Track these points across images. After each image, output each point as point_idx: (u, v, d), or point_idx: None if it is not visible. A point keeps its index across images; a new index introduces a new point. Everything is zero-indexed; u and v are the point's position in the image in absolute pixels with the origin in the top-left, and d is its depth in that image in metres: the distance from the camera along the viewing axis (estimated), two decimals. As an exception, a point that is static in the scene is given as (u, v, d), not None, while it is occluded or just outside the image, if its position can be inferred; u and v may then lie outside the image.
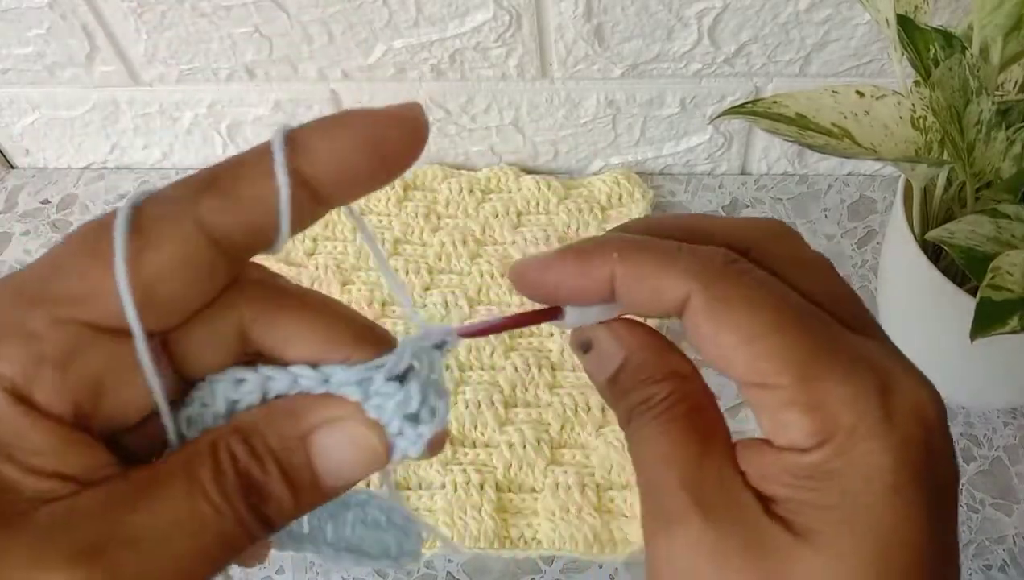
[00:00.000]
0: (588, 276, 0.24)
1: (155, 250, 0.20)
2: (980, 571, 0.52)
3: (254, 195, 0.20)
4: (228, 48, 0.64)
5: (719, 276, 0.23)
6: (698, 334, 0.23)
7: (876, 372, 0.22)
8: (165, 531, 0.19)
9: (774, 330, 0.22)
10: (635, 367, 0.25)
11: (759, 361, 0.22)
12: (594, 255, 0.24)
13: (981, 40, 0.45)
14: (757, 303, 0.22)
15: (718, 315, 0.22)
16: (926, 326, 0.54)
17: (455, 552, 0.27)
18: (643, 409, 0.24)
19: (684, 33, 0.60)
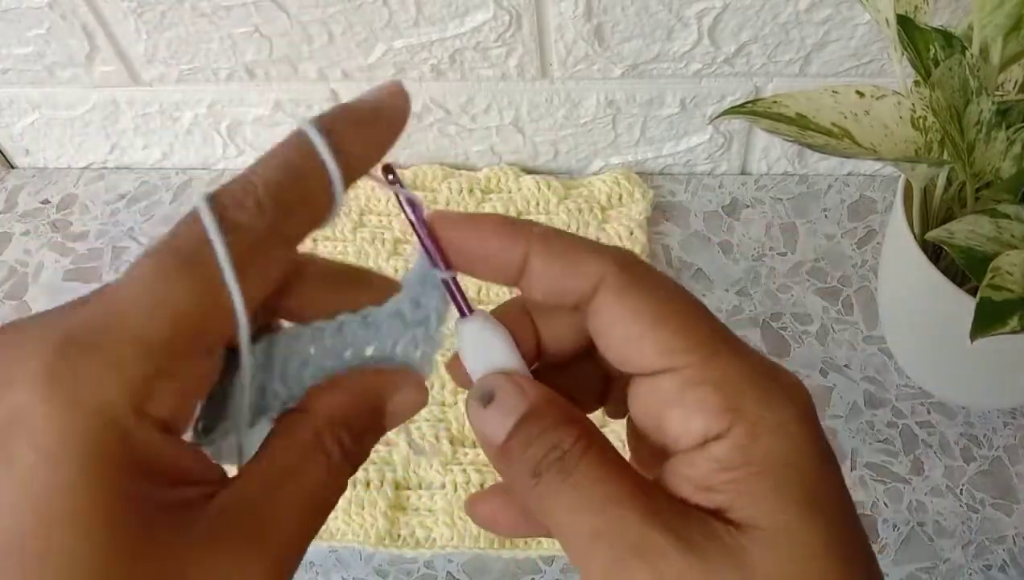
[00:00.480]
0: (505, 245, 0.25)
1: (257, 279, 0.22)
2: (980, 571, 0.52)
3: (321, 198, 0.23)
4: (228, 48, 0.64)
5: (632, 264, 0.24)
6: (607, 316, 0.24)
7: (764, 357, 0.24)
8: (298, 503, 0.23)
9: (681, 313, 0.24)
10: (536, 416, 0.24)
11: (669, 340, 0.23)
12: (517, 226, 0.25)
13: (981, 40, 0.45)
14: (666, 289, 0.24)
15: (631, 296, 0.24)
16: (926, 326, 0.54)
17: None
18: (555, 455, 0.23)
19: (684, 33, 0.60)
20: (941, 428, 0.57)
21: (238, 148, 0.74)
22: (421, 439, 0.57)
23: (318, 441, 0.24)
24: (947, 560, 0.53)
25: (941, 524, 0.54)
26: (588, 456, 0.23)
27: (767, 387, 0.23)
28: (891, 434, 0.57)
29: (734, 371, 0.23)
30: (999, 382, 0.55)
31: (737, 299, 0.64)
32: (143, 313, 0.20)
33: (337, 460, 0.24)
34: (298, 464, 0.23)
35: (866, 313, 0.63)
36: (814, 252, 0.66)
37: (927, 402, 0.58)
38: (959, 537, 0.53)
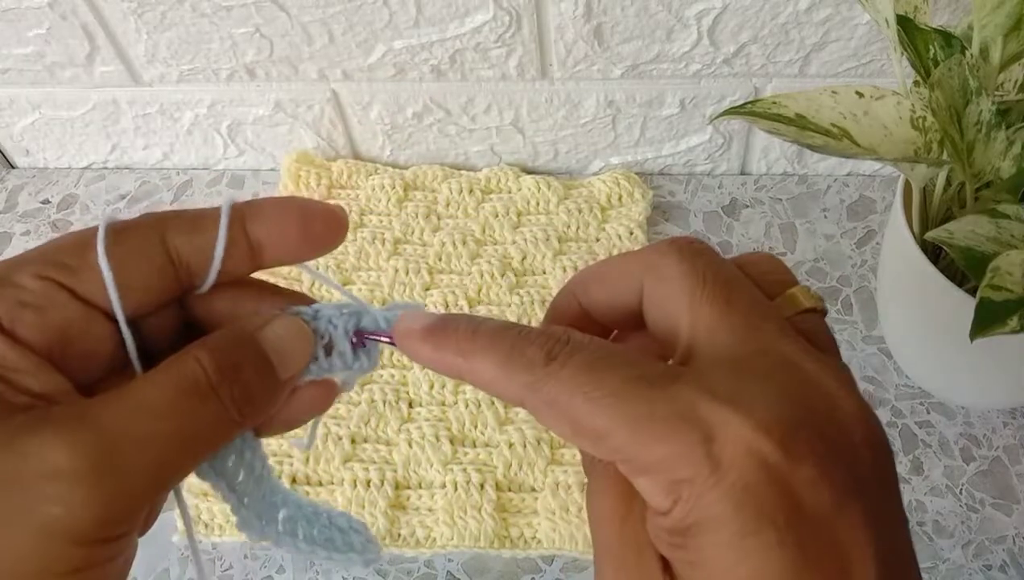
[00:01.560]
0: (446, 367, 0.26)
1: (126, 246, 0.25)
2: (980, 571, 0.52)
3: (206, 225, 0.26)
4: (228, 48, 0.64)
5: (540, 380, 0.24)
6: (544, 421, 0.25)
7: (698, 423, 0.22)
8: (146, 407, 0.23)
9: (592, 416, 0.23)
10: None
11: (597, 445, 0.23)
12: (446, 351, 0.25)
13: (981, 40, 0.45)
14: (572, 395, 0.23)
15: (546, 415, 0.24)
16: (926, 326, 0.54)
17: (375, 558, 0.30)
18: (590, 466, 0.26)
19: (684, 33, 0.60)
20: (940, 428, 0.57)
21: (238, 148, 0.74)
22: (421, 438, 0.57)
23: (176, 357, 0.24)
24: (947, 560, 0.53)
25: (941, 524, 0.54)
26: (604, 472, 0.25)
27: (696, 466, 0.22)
28: (891, 434, 0.57)
29: (663, 455, 0.22)
30: (999, 382, 0.55)
31: (737, 299, 0.64)
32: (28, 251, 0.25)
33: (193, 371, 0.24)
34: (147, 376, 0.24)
35: (865, 313, 0.63)
36: (814, 252, 0.66)
37: (927, 402, 0.58)
38: (959, 537, 0.54)
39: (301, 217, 0.27)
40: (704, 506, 0.22)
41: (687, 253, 0.26)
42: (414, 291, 0.64)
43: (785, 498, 0.21)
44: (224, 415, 0.24)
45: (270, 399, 0.26)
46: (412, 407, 0.59)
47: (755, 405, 0.22)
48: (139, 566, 0.55)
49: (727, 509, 0.21)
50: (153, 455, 0.23)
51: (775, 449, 0.21)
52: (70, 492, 0.21)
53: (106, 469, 0.22)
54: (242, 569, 0.55)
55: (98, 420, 0.22)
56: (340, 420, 0.58)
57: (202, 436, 0.24)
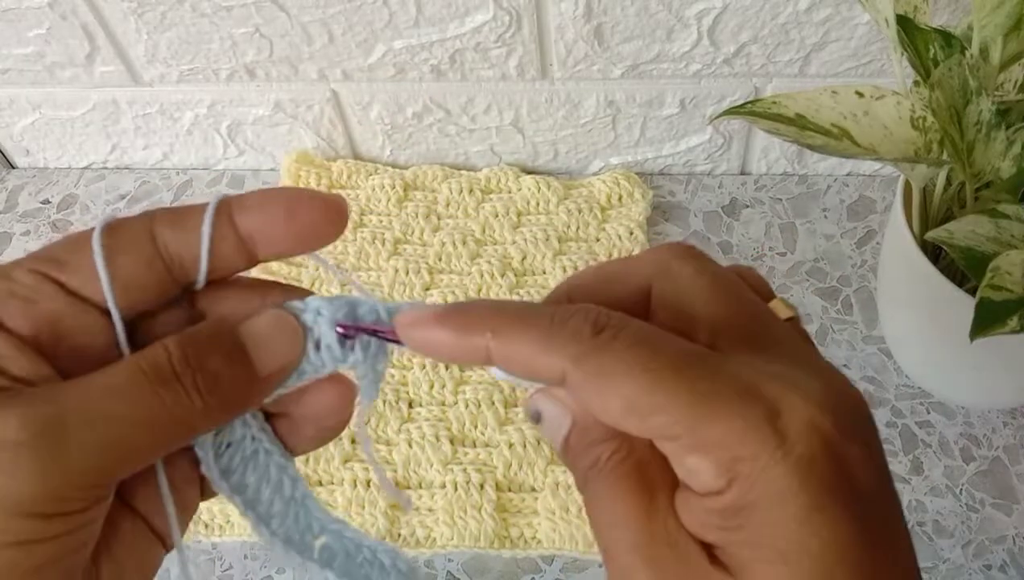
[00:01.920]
0: (467, 347, 0.25)
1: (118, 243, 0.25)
2: (980, 571, 0.52)
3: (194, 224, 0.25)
4: (228, 48, 0.64)
5: (589, 350, 0.23)
6: (585, 405, 0.24)
7: (761, 399, 0.22)
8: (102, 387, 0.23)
9: (652, 389, 0.22)
10: (581, 431, 0.25)
11: (647, 421, 0.23)
12: (471, 329, 0.24)
13: (981, 40, 0.45)
14: (630, 367, 0.23)
15: (594, 389, 0.23)
16: (926, 326, 0.54)
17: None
18: (593, 472, 0.25)
19: (684, 33, 0.60)
20: (940, 428, 0.57)
21: (238, 148, 0.74)
22: (421, 438, 0.57)
23: (148, 347, 0.24)
24: (947, 560, 0.53)
25: (941, 524, 0.54)
26: (614, 474, 0.24)
27: (759, 442, 0.22)
28: (891, 434, 0.57)
29: (722, 432, 0.22)
30: (999, 382, 0.55)
31: (737, 299, 0.64)
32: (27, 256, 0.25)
33: (157, 358, 0.24)
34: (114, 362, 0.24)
35: (865, 313, 0.63)
36: (814, 252, 0.66)
37: (927, 402, 0.58)
38: (959, 537, 0.54)
39: (288, 207, 0.26)
40: (768, 481, 0.22)
41: (694, 256, 0.26)
42: (414, 291, 0.64)
43: (844, 474, 0.22)
44: (185, 403, 0.23)
45: (245, 392, 0.25)
46: (412, 407, 0.59)
47: (806, 385, 0.23)
48: (139, 566, 0.55)
49: (794, 483, 0.21)
50: (101, 433, 0.22)
51: (832, 426, 0.22)
52: (13, 461, 0.21)
53: (51, 442, 0.22)
54: (242, 569, 0.55)
55: (56, 397, 0.23)
56: (340, 420, 0.58)
57: (158, 421, 0.23)
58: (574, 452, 0.26)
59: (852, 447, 0.22)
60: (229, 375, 0.24)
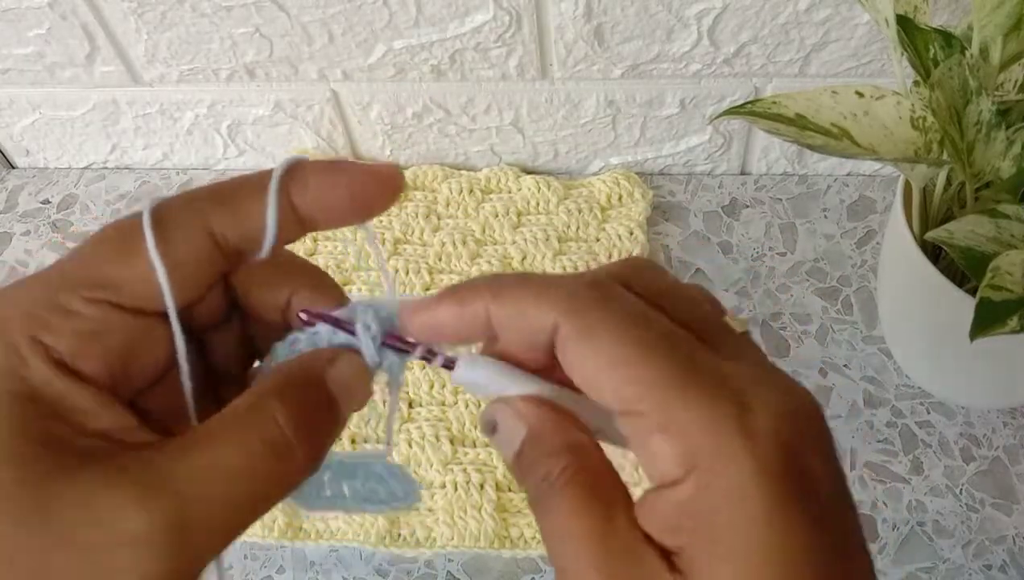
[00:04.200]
0: (466, 317, 0.25)
1: (174, 247, 0.24)
2: (980, 571, 0.52)
3: (251, 211, 0.25)
4: (228, 48, 0.64)
5: (585, 305, 0.23)
6: (567, 363, 0.24)
7: (734, 394, 0.22)
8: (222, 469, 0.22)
9: (635, 357, 0.23)
10: (534, 442, 0.25)
11: (623, 387, 0.23)
12: (468, 296, 0.25)
13: (981, 40, 0.45)
14: (621, 330, 0.23)
15: (582, 343, 0.23)
16: (926, 326, 0.54)
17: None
18: (545, 486, 0.24)
19: (684, 33, 0.60)
20: (940, 428, 0.57)
21: (239, 148, 0.74)
22: (421, 438, 0.57)
23: (250, 411, 0.23)
24: (947, 560, 0.53)
25: (941, 524, 0.54)
26: (568, 488, 0.24)
27: (724, 435, 0.22)
28: (891, 434, 0.57)
29: (692, 416, 0.22)
30: (999, 382, 0.55)
31: (737, 299, 0.64)
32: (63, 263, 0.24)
33: (271, 433, 0.23)
34: (220, 429, 0.23)
35: (865, 313, 0.63)
36: (814, 252, 0.66)
37: (927, 402, 0.58)
38: (959, 537, 0.54)
39: (350, 186, 0.25)
40: (730, 476, 0.21)
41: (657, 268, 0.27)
42: (414, 291, 0.64)
43: (805, 479, 0.22)
44: (299, 469, 0.23)
45: (332, 442, 0.25)
46: (412, 407, 0.59)
47: (772, 392, 0.23)
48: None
49: (757, 483, 0.21)
50: (227, 516, 0.22)
51: (796, 433, 0.22)
52: (146, 557, 0.21)
53: (180, 533, 0.21)
54: (242, 569, 0.55)
55: (173, 481, 0.21)
56: (340, 420, 0.58)
57: (275, 494, 0.23)
58: (526, 464, 0.25)
59: (813, 456, 0.22)
60: (329, 433, 0.25)
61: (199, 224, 0.24)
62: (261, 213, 0.25)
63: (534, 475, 0.25)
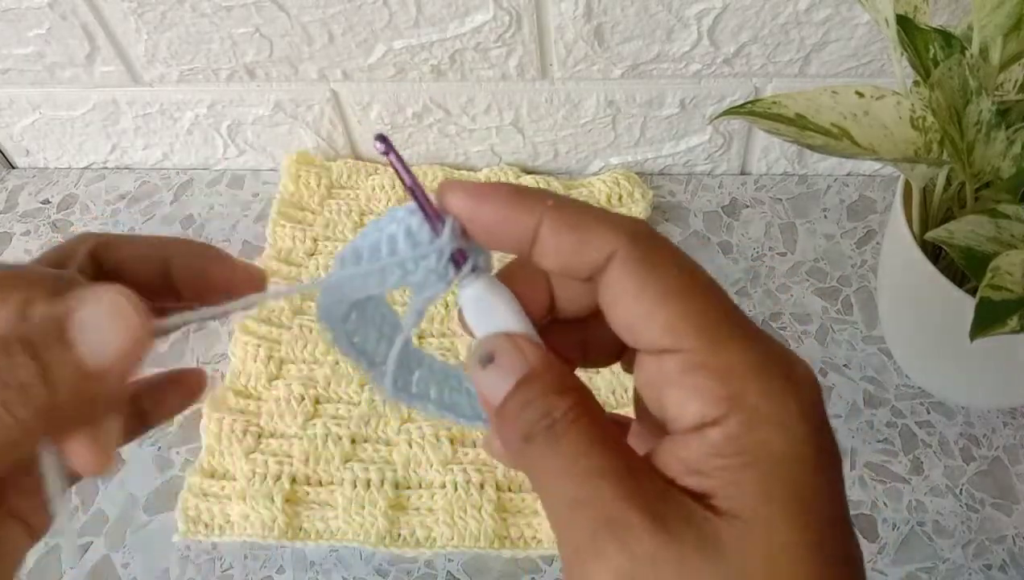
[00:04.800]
0: (518, 215, 0.24)
1: None
2: (980, 571, 0.52)
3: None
4: (228, 48, 0.64)
5: (645, 237, 0.24)
6: (616, 290, 0.23)
7: (777, 347, 0.23)
8: None
9: (691, 293, 0.23)
10: (535, 380, 0.24)
11: (674, 321, 0.23)
12: (529, 197, 0.24)
13: (981, 40, 0.45)
14: (679, 266, 0.24)
15: (641, 272, 0.23)
16: (926, 326, 0.54)
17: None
18: (546, 422, 0.23)
19: (684, 33, 0.60)
20: (940, 428, 0.57)
21: (238, 148, 0.74)
22: (421, 439, 0.57)
23: None
24: (947, 560, 0.53)
25: (941, 524, 0.54)
26: (577, 425, 0.23)
27: (771, 378, 0.22)
28: (890, 434, 0.57)
29: (739, 358, 0.22)
30: (999, 382, 0.55)
31: (737, 299, 0.64)
32: None
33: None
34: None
35: (866, 313, 0.63)
36: (814, 252, 0.66)
37: (927, 402, 0.58)
38: (959, 537, 0.54)
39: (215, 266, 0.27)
40: (780, 416, 0.22)
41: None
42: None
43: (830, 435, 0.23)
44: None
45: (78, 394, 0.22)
46: (412, 407, 0.59)
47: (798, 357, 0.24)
48: (139, 566, 0.55)
49: (800, 431, 0.22)
50: None
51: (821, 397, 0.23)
52: None
53: None
54: (242, 569, 0.55)
55: None
56: (340, 420, 0.58)
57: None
58: (520, 402, 0.24)
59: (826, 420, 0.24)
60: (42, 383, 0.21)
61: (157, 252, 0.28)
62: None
63: (532, 412, 0.24)
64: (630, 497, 0.22)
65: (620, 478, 0.22)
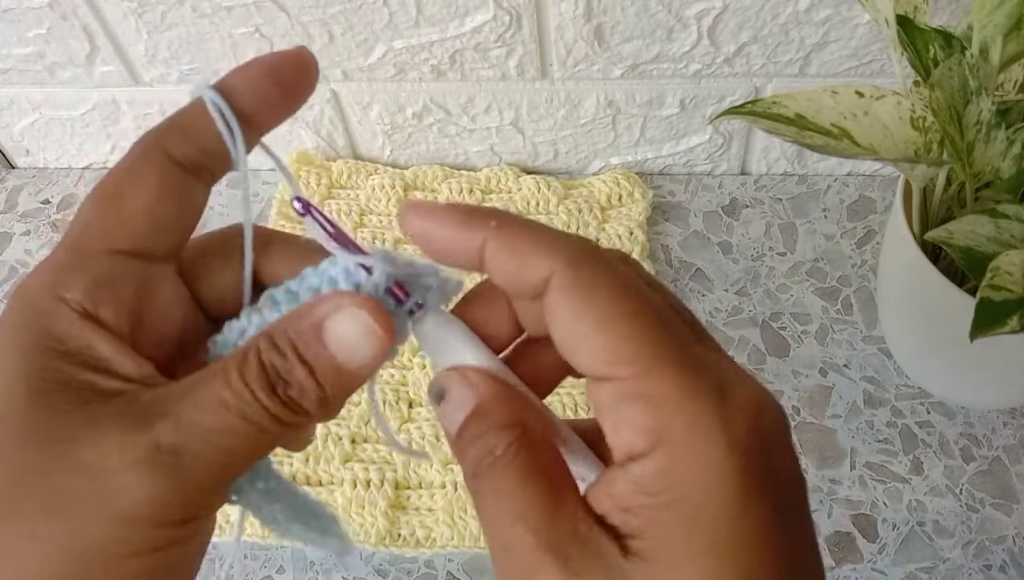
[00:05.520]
0: (464, 237, 0.24)
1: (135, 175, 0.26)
2: (980, 571, 0.52)
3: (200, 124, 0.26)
4: (228, 48, 0.64)
5: (585, 259, 0.23)
6: (554, 315, 0.23)
7: (715, 375, 0.22)
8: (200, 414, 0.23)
9: (627, 319, 0.22)
10: (482, 415, 0.24)
11: (607, 348, 0.22)
12: (475, 219, 0.24)
13: (981, 40, 0.45)
14: (616, 291, 0.23)
15: (576, 296, 0.23)
16: (926, 326, 0.54)
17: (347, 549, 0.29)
18: (487, 463, 0.24)
19: (684, 33, 0.60)
20: (940, 428, 0.57)
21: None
22: (421, 439, 0.57)
23: (241, 354, 0.24)
24: (947, 560, 0.53)
25: (941, 524, 0.54)
26: (515, 463, 0.23)
27: (701, 408, 0.21)
28: (890, 434, 0.57)
29: (671, 386, 0.22)
30: (999, 382, 0.55)
31: (736, 299, 0.64)
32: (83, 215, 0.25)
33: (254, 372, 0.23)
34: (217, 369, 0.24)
35: (865, 313, 0.63)
36: (813, 252, 0.66)
37: (926, 402, 0.58)
38: (959, 537, 0.54)
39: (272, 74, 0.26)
40: (704, 452, 0.21)
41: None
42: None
43: (773, 471, 0.22)
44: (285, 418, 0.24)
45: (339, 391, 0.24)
46: (412, 407, 0.59)
47: (750, 383, 0.23)
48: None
49: (732, 462, 0.21)
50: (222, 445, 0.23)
51: (768, 424, 0.22)
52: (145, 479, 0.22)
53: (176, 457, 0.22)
54: (242, 569, 0.55)
55: (172, 411, 0.23)
56: (340, 420, 0.58)
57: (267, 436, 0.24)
58: (469, 438, 0.24)
59: (781, 451, 0.23)
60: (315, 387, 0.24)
61: (155, 151, 0.26)
62: (207, 122, 0.26)
63: (477, 448, 0.24)
64: (546, 545, 0.22)
65: (542, 523, 0.22)
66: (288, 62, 0.26)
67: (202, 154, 0.26)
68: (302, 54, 0.26)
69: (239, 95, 0.26)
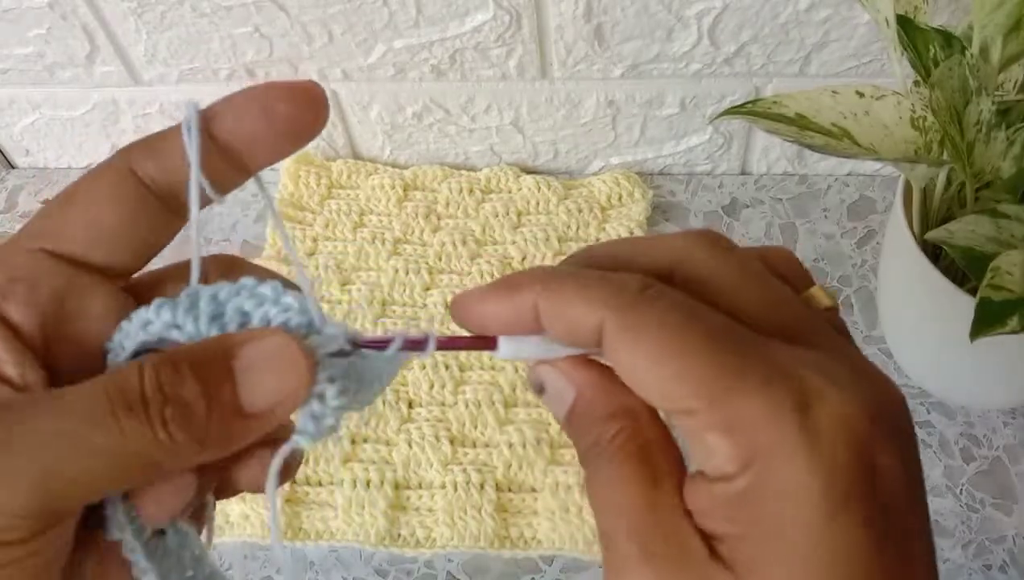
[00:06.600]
0: (515, 309, 0.24)
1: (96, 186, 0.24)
2: (980, 571, 0.52)
3: (168, 146, 0.24)
4: (228, 48, 0.64)
5: (631, 304, 0.23)
6: (615, 362, 0.23)
7: (794, 385, 0.21)
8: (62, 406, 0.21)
9: (682, 353, 0.22)
10: (584, 406, 0.25)
11: (670, 385, 0.22)
12: (520, 288, 0.24)
13: (981, 40, 0.45)
14: (667, 328, 0.22)
15: (628, 342, 0.22)
16: (926, 326, 0.54)
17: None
18: (595, 451, 0.24)
19: (684, 33, 0.60)
20: (941, 428, 0.57)
21: (238, 148, 0.74)
22: (421, 439, 0.57)
23: (124, 369, 0.22)
24: (947, 560, 0.53)
25: (941, 524, 0.54)
26: (621, 453, 0.24)
27: (785, 430, 0.21)
28: (891, 434, 0.57)
29: (745, 414, 0.21)
30: (999, 382, 0.55)
31: (737, 299, 0.64)
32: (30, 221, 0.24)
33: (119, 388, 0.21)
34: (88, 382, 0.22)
35: (866, 313, 0.63)
36: (814, 252, 0.66)
37: (927, 402, 0.58)
38: (959, 537, 0.54)
39: (262, 104, 0.24)
40: (788, 474, 0.21)
41: (718, 243, 0.25)
42: (414, 291, 0.64)
43: (871, 483, 0.21)
44: (147, 436, 0.21)
45: (227, 432, 0.22)
46: (412, 407, 0.59)
47: (846, 383, 0.22)
48: (139, 566, 0.55)
49: (817, 481, 0.21)
50: (45, 461, 0.20)
51: (867, 430, 0.21)
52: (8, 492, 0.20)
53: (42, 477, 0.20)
54: (242, 569, 0.55)
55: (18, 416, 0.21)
56: (340, 420, 0.58)
57: (115, 452, 0.21)
58: (577, 426, 0.25)
59: (884, 456, 0.21)
60: (204, 409, 0.21)
61: (120, 163, 0.24)
62: (179, 146, 0.23)
63: (585, 438, 0.24)
64: (636, 538, 0.23)
65: (634, 515, 0.23)
66: (289, 94, 0.24)
67: (166, 175, 0.24)
68: (308, 89, 0.24)
69: (219, 121, 0.24)
